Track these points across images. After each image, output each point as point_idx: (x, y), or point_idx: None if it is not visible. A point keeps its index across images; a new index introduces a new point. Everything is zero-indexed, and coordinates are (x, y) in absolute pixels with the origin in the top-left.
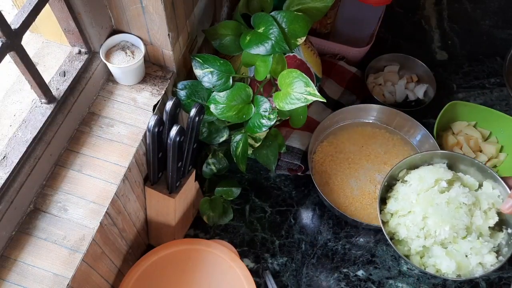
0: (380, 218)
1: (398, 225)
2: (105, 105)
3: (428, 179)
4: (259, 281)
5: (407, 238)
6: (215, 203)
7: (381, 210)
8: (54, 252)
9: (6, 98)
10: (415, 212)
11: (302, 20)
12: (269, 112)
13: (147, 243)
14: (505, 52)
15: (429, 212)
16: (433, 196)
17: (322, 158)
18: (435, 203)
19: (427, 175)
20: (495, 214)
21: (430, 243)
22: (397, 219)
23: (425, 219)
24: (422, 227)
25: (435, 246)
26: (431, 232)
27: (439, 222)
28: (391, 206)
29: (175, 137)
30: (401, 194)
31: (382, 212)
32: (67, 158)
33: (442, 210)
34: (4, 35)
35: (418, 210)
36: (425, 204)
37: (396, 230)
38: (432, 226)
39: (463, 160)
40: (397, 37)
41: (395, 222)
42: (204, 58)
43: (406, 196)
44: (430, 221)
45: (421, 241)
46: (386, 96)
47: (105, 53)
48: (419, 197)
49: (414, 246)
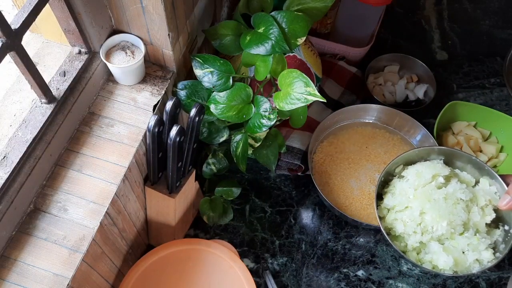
0: (377, 213)
1: (395, 221)
2: (105, 105)
3: (425, 174)
4: (259, 281)
5: (404, 233)
6: (215, 203)
7: (377, 206)
8: (54, 252)
9: (6, 98)
10: (412, 207)
11: (302, 20)
12: (269, 112)
13: (147, 243)
14: (505, 52)
15: (426, 207)
16: (431, 191)
17: (322, 158)
18: (432, 199)
19: (425, 171)
20: (492, 211)
21: (427, 239)
22: (394, 215)
23: (422, 214)
24: (419, 223)
25: (432, 242)
26: (428, 227)
27: (436, 218)
28: (388, 201)
29: (175, 137)
30: (398, 189)
31: (379, 208)
32: (67, 158)
33: (440, 206)
34: (4, 35)
35: (415, 205)
36: (422, 200)
37: (393, 226)
38: (430, 221)
39: (460, 156)
40: (397, 37)
41: (392, 217)
42: (204, 58)
43: (403, 192)
44: (427, 217)
45: (418, 236)
46: (386, 96)
47: (105, 53)
48: (417, 193)
49: (411, 242)
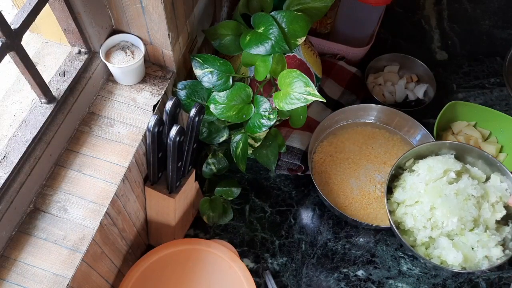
0: (387, 207)
1: (405, 215)
2: (105, 105)
3: (437, 169)
4: (259, 281)
5: (413, 228)
6: (215, 203)
7: (387, 199)
8: (54, 252)
9: (6, 98)
10: (422, 202)
11: (302, 20)
12: (269, 112)
13: (147, 243)
14: (505, 52)
15: (437, 202)
16: (442, 186)
17: (322, 158)
18: (443, 194)
19: (436, 165)
20: (502, 208)
21: (437, 234)
22: (404, 209)
23: (433, 209)
24: (430, 218)
25: (441, 237)
26: (438, 223)
27: (447, 213)
28: (399, 195)
29: (175, 137)
30: (409, 183)
31: (389, 201)
32: (67, 158)
33: (451, 201)
34: (4, 35)
35: (426, 200)
36: (433, 195)
37: (403, 220)
38: (440, 217)
39: (471, 151)
40: (397, 37)
41: (402, 211)
42: (204, 58)
43: (414, 186)
44: (438, 212)
45: (427, 231)
46: (386, 96)
47: (105, 53)
48: (428, 187)
49: (420, 237)
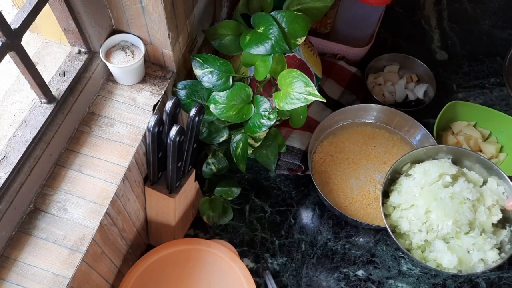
0: (383, 210)
1: (401, 218)
2: (105, 105)
3: (432, 173)
4: (259, 281)
5: (409, 231)
6: (215, 203)
7: (383, 203)
8: (54, 252)
9: (6, 98)
10: (418, 205)
11: (302, 20)
12: (269, 112)
13: (147, 243)
14: (505, 52)
15: (432, 206)
16: (437, 190)
17: (322, 158)
18: (438, 197)
19: (432, 169)
20: (499, 211)
21: (432, 237)
22: (400, 212)
23: (428, 213)
24: (425, 221)
25: (437, 240)
26: (433, 226)
27: (442, 217)
28: (394, 199)
29: (175, 137)
30: (405, 187)
31: (385, 205)
32: (67, 158)
33: (446, 205)
34: (4, 35)
35: (421, 203)
36: (428, 198)
37: (398, 223)
38: (435, 220)
39: (468, 156)
40: (397, 37)
41: (398, 215)
42: (204, 58)
43: (409, 190)
44: (433, 215)
45: (423, 235)
46: (386, 96)
47: (105, 53)
48: (423, 191)
49: (416, 240)
